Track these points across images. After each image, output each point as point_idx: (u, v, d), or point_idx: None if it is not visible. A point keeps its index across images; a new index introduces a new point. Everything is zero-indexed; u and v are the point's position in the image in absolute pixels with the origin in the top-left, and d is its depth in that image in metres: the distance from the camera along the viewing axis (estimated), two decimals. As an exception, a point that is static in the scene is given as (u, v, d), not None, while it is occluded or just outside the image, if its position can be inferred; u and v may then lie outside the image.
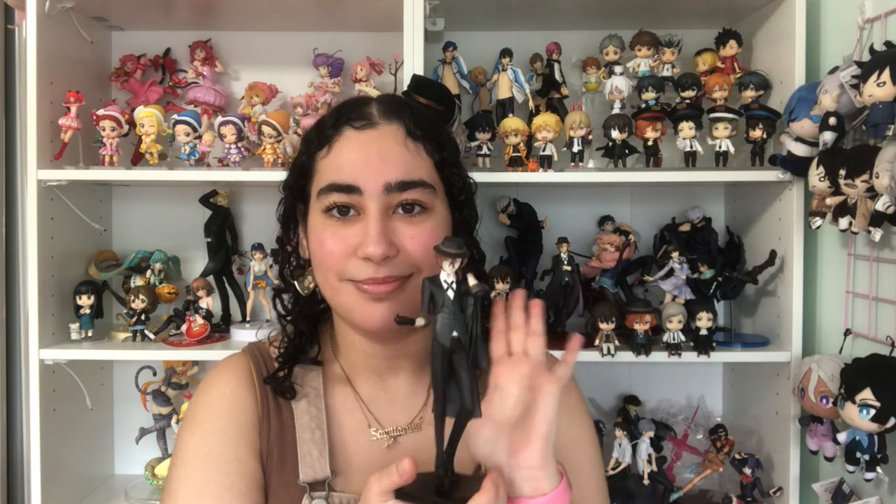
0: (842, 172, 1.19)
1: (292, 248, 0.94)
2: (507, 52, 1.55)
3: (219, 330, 1.61)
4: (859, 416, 1.13)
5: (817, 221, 1.29)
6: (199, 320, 1.53)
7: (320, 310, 0.97)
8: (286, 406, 0.91)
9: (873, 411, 1.11)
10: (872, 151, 1.13)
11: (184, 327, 1.53)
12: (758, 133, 1.44)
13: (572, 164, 1.48)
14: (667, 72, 1.52)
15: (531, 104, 1.56)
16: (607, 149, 1.50)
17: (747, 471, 1.46)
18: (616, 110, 1.49)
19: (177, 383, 1.65)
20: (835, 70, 1.24)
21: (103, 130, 1.50)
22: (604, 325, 1.43)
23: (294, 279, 0.95)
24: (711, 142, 1.48)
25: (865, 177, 1.14)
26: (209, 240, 1.66)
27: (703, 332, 1.44)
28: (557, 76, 1.60)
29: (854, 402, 1.13)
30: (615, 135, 1.47)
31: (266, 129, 1.49)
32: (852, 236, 1.31)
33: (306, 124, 1.52)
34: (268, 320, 1.67)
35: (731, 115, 1.46)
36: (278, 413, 0.91)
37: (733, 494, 1.49)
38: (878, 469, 1.18)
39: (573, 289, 1.52)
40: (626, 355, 1.44)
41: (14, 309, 1.77)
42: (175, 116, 1.51)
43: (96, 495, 1.66)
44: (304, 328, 0.95)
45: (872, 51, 1.16)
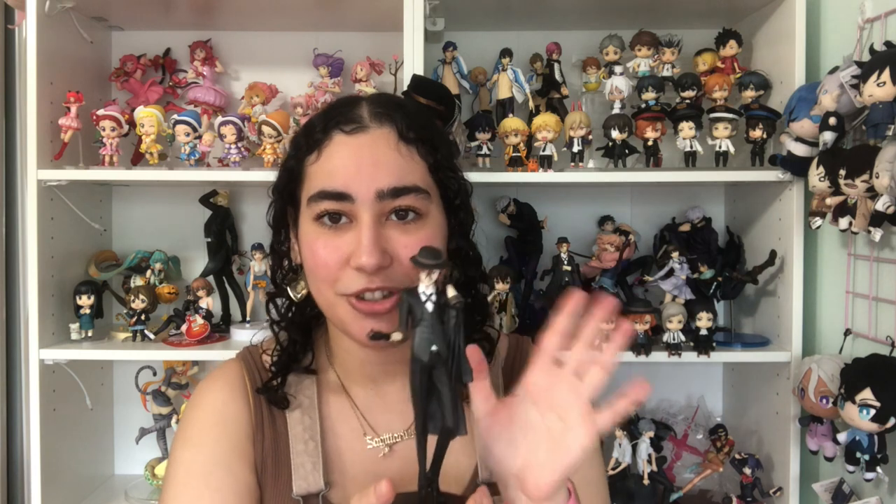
0: (842, 172, 1.19)
1: (284, 252, 0.91)
2: (507, 52, 1.55)
3: (219, 330, 1.61)
4: (859, 416, 1.13)
5: (817, 221, 1.29)
6: (199, 320, 1.53)
7: (314, 315, 0.94)
8: (280, 415, 0.89)
9: (873, 411, 1.11)
10: (872, 151, 1.13)
11: (184, 327, 1.53)
12: (758, 133, 1.44)
13: (572, 164, 1.48)
14: (667, 72, 1.52)
15: (531, 104, 1.56)
16: (607, 149, 1.50)
17: (747, 471, 1.46)
18: (616, 110, 1.49)
19: (177, 383, 1.65)
20: (835, 70, 1.24)
21: (103, 130, 1.50)
22: (604, 326, 1.43)
23: (287, 284, 0.93)
24: (711, 142, 1.48)
25: (865, 177, 1.14)
26: (209, 240, 1.66)
27: (703, 332, 1.44)
28: (557, 76, 1.60)
29: (854, 402, 1.13)
30: (615, 135, 1.47)
31: (266, 129, 1.49)
32: (852, 236, 1.31)
33: (306, 124, 1.52)
34: (267, 320, 1.66)
35: (731, 115, 1.46)
36: (272, 423, 0.89)
37: (733, 494, 1.49)
38: (878, 469, 1.18)
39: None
40: (626, 355, 1.44)
41: (14, 309, 1.77)
42: (175, 116, 1.51)
43: (96, 495, 1.66)
44: (296, 336, 0.92)
45: (872, 51, 1.16)
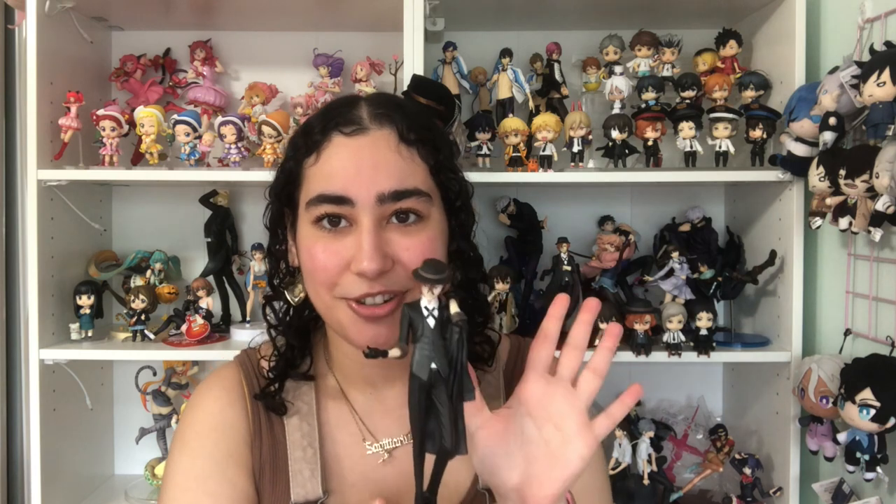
0: (842, 172, 1.19)
1: (281, 254, 0.90)
2: (507, 52, 1.55)
3: (219, 330, 1.61)
4: (859, 416, 1.13)
5: (817, 221, 1.29)
6: (199, 320, 1.53)
7: (311, 318, 0.92)
8: (278, 421, 0.88)
9: (873, 411, 1.11)
10: (872, 151, 1.13)
11: (184, 327, 1.53)
12: (758, 133, 1.44)
13: (572, 164, 1.48)
14: (667, 72, 1.52)
15: (531, 104, 1.56)
16: (607, 149, 1.50)
17: (747, 471, 1.46)
18: (616, 110, 1.49)
19: (177, 383, 1.65)
20: (835, 70, 1.24)
21: (103, 130, 1.50)
22: (603, 325, 1.43)
23: (284, 287, 0.91)
24: (711, 142, 1.48)
25: (865, 177, 1.14)
26: (209, 240, 1.66)
27: (703, 332, 1.44)
28: (557, 76, 1.60)
29: (854, 402, 1.13)
30: (615, 135, 1.47)
31: (266, 129, 1.49)
32: (852, 236, 1.31)
33: (306, 124, 1.52)
34: (266, 324, 1.66)
35: (731, 115, 1.46)
36: (270, 429, 0.88)
37: (733, 494, 1.49)
38: (878, 469, 1.18)
39: (573, 289, 1.52)
40: (626, 355, 1.44)
41: (14, 309, 1.77)
42: (175, 116, 1.51)
43: (96, 495, 1.66)
44: (294, 341, 0.91)
45: (872, 51, 1.16)
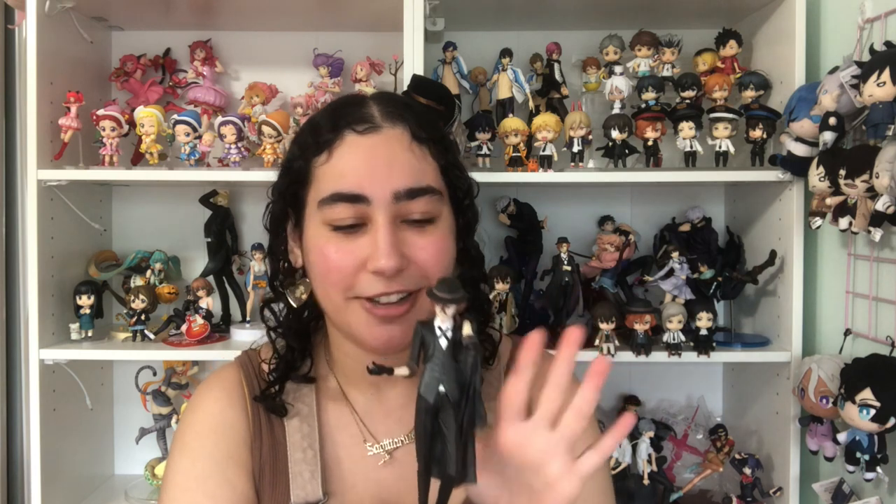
0: (842, 172, 1.19)
1: (282, 255, 0.89)
2: (507, 52, 1.55)
3: (219, 330, 1.61)
4: (859, 416, 1.13)
5: (817, 221, 1.29)
6: (199, 320, 1.53)
7: (312, 319, 0.92)
8: (279, 423, 0.88)
9: (873, 411, 1.11)
10: (872, 151, 1.13)
11: (184, 327, 1.53)
12: (758, 133, 1.44)
13: (572, 164, 1.48)
14: (667, 72, 1.52)
15: (531, 104, 1.56)
16: (607, 149, 1.50)
17: (747, 471, 1.46)
18: (616, 110, 1.49)
19: (177, 383, 1.65)
20: (835, 70, 1.24)
21: (103, 130, 1.50)
22: (604, 325, 1.43)
23: (284, 289, 0.90)
24: (711, 142, 1.48)
25: (865, 177, 1.14)
26: (209, 240, 1.66)
27: (703, 332, 1.44)
28: (557, 76, 1.60)
29: (854, 402, 1.13)
30: (615, 135, 1.47)
31: (266, 129, 1.49)
32: (852, 236, 1.31)
33: (306, 124, 1.52)
34: (265, 327, 1.66)
35: (731, 115, 1.46)
36: (270, 430, 0.87)
37: (733, 494, 1.49)
38: (878, 469, 1.18)
39: (573, 289, 1.52)
40: (626, 355, 1.44)
41: (14, 309, 1.77)
42: (175, 116, 1.51)
43: (96, 495, 1.66)
44: (294, 343, 0.90)
45: (872, 51, 1.16)
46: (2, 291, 1.75)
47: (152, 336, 1.54)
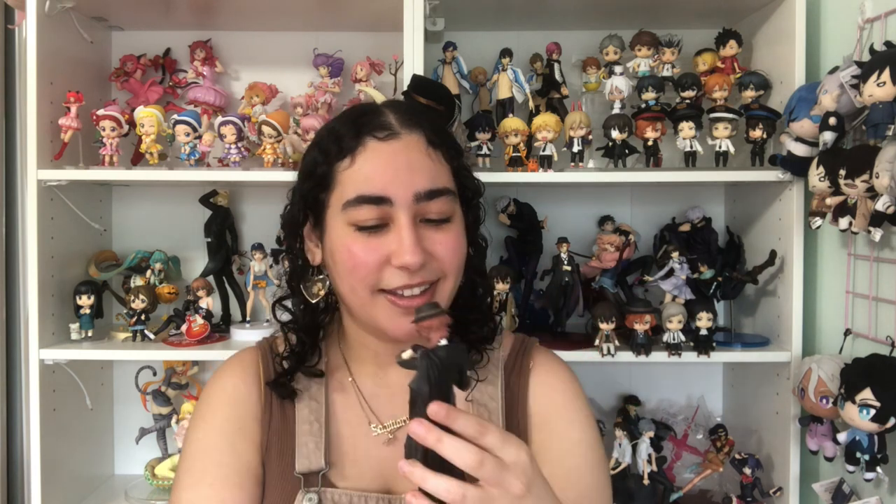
0: (842, 172, 1.19)
1: (299, 254, 0.94)
2: (507, 52, 1.55)
3: (219, 330, 1.61)
4: (859, 416, 1.13)
5: (817, 221, 1.29)
6: (199, 320, 1.53)
7: (324, 311, 0.98)
8: (289, 401, 0.95)
9: (873, 411, 1.11)
10: (872, 151, 1.13)
11: (184, 327, 1.53)
12: (758, 133, 1.44)
13: (572, 164, 1.48)
14: (667, 72, 1.52)
15: (531, 104, 1.56)
16: (607, 149, 1.50)
17: (747, 471, 1.46)
18: (616, 110, 1.49)
19: (177, 383, 1.65)
20: (835, 70, 1.24)
21: (103, 130, 1.50)
22: (604, 325, 1.43)
23: (303, 285, 0.95)
24: (711, 142, 1.48)
25: (865, 177, 1.14)
26: (209, 240, 1.66)
27: (703, 332, 1.44)
28: (557, 76, 1.60)
29: (854, 402, 1.13)
30: (615, 135, 1.47)
31: (266, 129, 1.49)
32: (852, 236, 1.31)
33: (306, 124, 1.52)
34: (268, 320, 1.67)
35: (731, 115, 1.46)
36: (281, 406, 0.94)
37: (733, 494, 1.49)
38: (878, 469, 1.18)
39: (573, 289, 1.52)
40: (626, 355, 1.44)
41: (14, 309, 1.77)
42: (175, 116, 1.51)
43: (96, 495, 1.66)
44: (306, 339, 0.96)
45: (872, 51, 1.16)
46: (2, 291, 1.75)
47: (152, 336, 1.54)
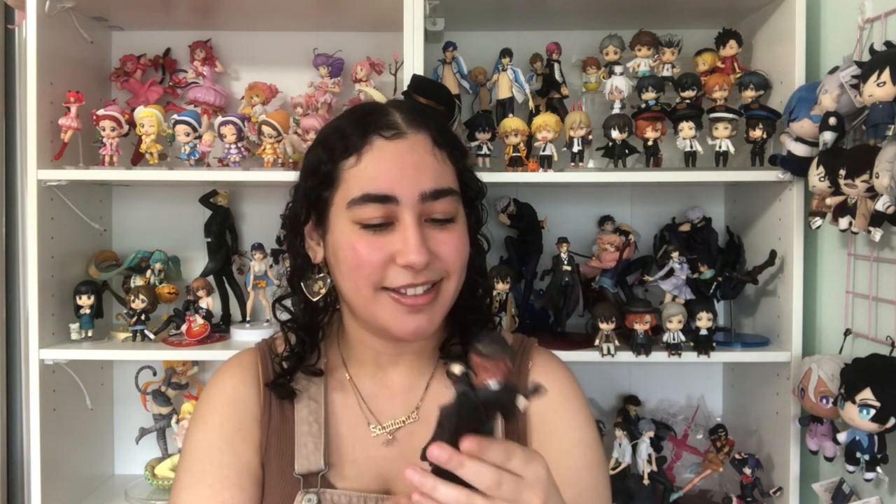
0: (842, 172, 1.19)
1: (300, 252, 0.94)
2: (507, 52, 1.55)
3: (219, 330, 1.61)
4: (859, 416, 1.13)
5: (817, 221, 1.29)
6: (199, 320, 1.53)
7: (324, 310, 0.98)
8: (288, 402, 0.95)
9: (873, 411, 1.11)
10: (872, 151, 1.13)
11: (184, 327, 1.53)
12: (758, 133, 1.44)
13: (572, 164, 1.48)
14: (667, 72, 1.52)
15: (531, 104, 1.56)
16: (607, 149, 1.50)
17: (747, 471, 1.46)
18: (616, 110, 1.49)
19: (177, 383, 1.65)
20: (835, 70, 1.24)
21: (103, 130, 1.50)
22: (604, 325, 1.43)
23: (300, 282, 0.95)
24: (711, 142, 1.48)
25: (865, 177, 1.14)
26: (209, 240, 1.66)
27: (703, 332, 1.44)
28: (557, 76, 1.60)
29: (854, 402, 1.13)
30: (615, 135, 1.47)
31: (266, 129, 1.49)
32: (852, 236, 1.31)
33: (306, 124, 1.52)
34: (268, 320, 1.67)
35: (731, 115, 1.46)
36: (280, 407, 0.94)
37: (733, 494, 1.49)
38: (878, 469, 1.18)
39: (573, 289, 1.52)
40: (626, 355, 1.44)
41: (14, 309, 1.77)
42: (175, 116, 1.51)
43: (96, 495, 1.66)
44: (306, 337, 0.96)
45: (872, 51, 1.16)
46: (2, 291, 1.75)
47: (152, 336, 1.54)
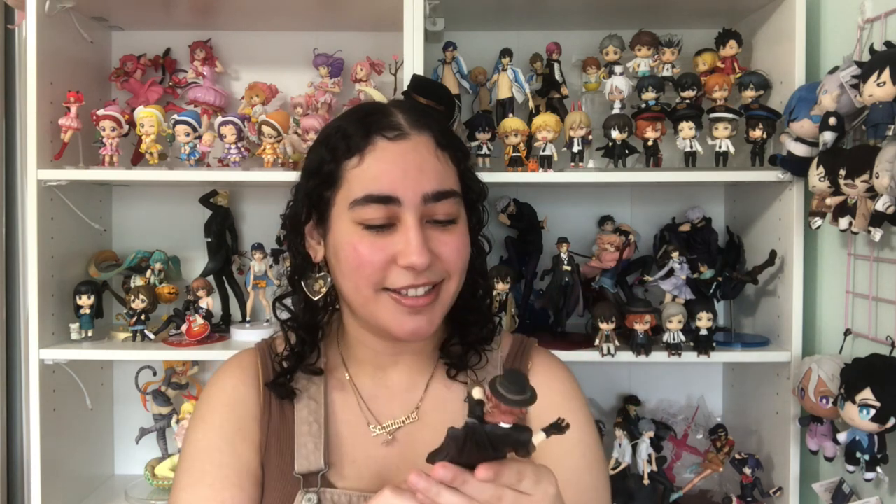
0: (842, 172, 1.19)
1: (300, 252, 0.94)
2: (507, 52, 1.55)
3: (219, 330, 1.61)
4: (859, 416, 1.13)
5: (817, 221, 1.29)
6: (199, 320, 1.53)
7: (323, 309, 0.98)
8: (288, 402, 0.95)
9: (873, 411, 1.11)
10: (872, 151, 1.13)
11: (184, 327, 1.53)
12: (758, 133, 1.44)
13: (572, 164, 1.48)
14: (667, 72, 1.52)
15: (531, 104, 1.56)
16: (607, 149, 1.50)
17: (747, 471, 1.46)
18: (616, 110, 1.49)
19: (177, 383, 1.65)
20: (835, 70, 1.24)
21: (103, 130, 1.50)
22: (604, 325, 1.43)
23: (301, 281, 0.95)
24: (711, 142, 1.48)
25: (865, 177, 1.14)
26: (209, 240, 1.66)
27: (703, 332, 1.44)
28: (557, 76, 1.60)
29: (854, 402, 1.13)
30: (615, 135, 1.47)
31: (266, 129, 1.49)
32: (852, 236, 1.31)
33: (306, 124, 1.52)
34: (268, 320, 1.67)
35: (731, 115, 1.46)
36: (280, 407, 0.94)
37: (733, 494, 1.49)
38: (878, 469, 1.18)
39: (573, 289, 1.52)
40: (626, 355, 1.44)
41: (14, 309, 1.77)
42: (175, 116, 1.51)
43: (96, 495, 1.66)
44: (306, 336, 0.96)
45: (872, 51, 1.16)
46: (2, 291, 1.75)
47: (152, 336, 1.54)
